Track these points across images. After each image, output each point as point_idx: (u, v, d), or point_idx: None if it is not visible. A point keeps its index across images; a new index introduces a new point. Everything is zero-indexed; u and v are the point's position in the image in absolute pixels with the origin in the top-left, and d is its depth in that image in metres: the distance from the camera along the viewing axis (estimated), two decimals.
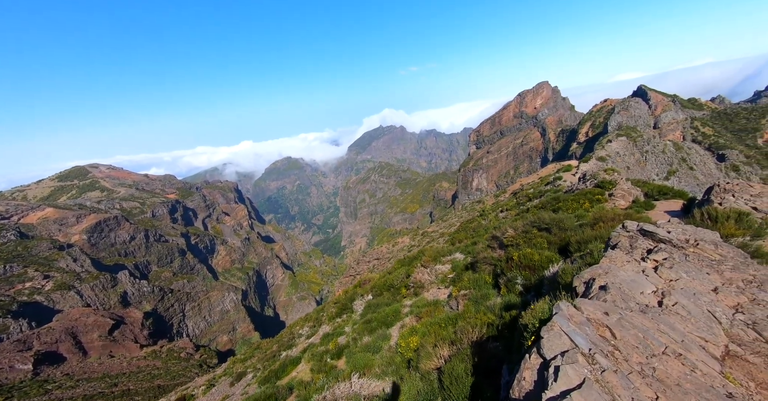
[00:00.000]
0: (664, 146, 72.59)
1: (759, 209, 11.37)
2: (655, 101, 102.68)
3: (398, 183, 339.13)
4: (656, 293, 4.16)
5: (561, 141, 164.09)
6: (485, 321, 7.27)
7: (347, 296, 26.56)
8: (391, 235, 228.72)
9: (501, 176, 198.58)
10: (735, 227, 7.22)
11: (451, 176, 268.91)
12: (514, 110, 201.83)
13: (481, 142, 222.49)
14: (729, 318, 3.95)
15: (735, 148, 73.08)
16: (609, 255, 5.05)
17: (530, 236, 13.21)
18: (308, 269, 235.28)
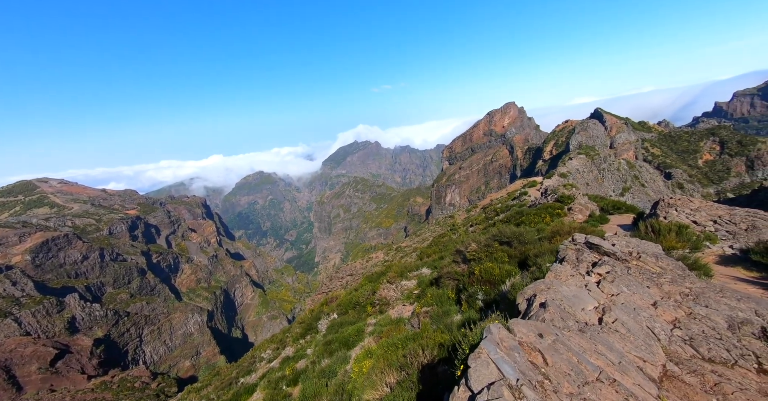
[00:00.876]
0: (619, 164, 77.82)
1: (698, 223, 12.00)
2: (610, 122, 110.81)
3: (373, 198, 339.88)
4: (597, 309, 4.00)
5: (528, 158, 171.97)
6: (438, 341, 6.89)
7: (313, 316, 25.41)
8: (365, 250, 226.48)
9: (473, 192, 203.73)
10: (676, 239, 7.42)
11: (425, 191, 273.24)
12: (484, 128, 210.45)
13: (454, 158, 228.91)
14: (667, 334, 3.83)
15: (679, 167, 79.70)
16: (554, 269, 4.91)
17: (492, 249, 13.20)
18: (280, 287, 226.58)
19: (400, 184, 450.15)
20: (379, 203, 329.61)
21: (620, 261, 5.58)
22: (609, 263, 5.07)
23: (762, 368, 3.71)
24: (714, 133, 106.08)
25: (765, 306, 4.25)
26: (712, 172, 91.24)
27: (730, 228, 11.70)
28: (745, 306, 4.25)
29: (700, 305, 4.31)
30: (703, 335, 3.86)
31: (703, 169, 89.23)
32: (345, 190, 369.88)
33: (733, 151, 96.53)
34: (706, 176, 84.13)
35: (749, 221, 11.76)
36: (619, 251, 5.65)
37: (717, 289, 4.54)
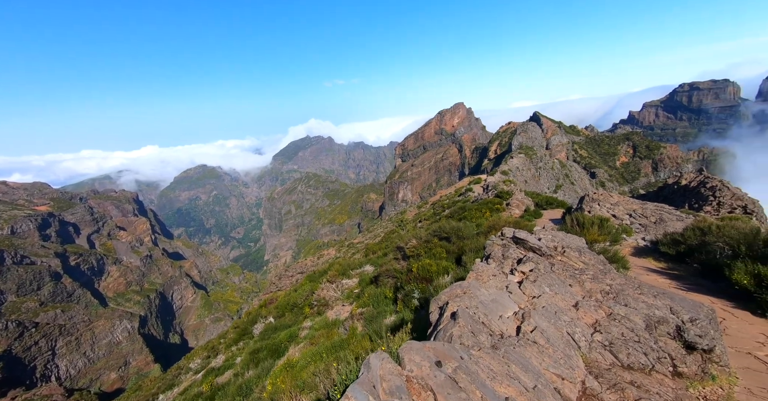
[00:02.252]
0: (553, 163, 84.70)
1: (617, 216, 12.72)
2: (546, 125, 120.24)
3: (326, 194, 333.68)
4: (517, 315, 3.48)
5: (475, 157, 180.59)
6: (360, 350, 6.11)
7: (249, 319, 23.51)
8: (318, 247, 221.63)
9: (424, 188, 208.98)
10: (598, 232, 7.44)
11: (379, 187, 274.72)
12: (435, 127, 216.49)
13: (406, 155, 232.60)
14: (588, 339, 3.43)
15: (602, 167, 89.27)
16: (476, 269, 4.37)
17: (431, 245, 12.87)
18: (225, 288, 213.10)
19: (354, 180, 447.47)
20: (333, 200, 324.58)
21: (545, 257, 5.26)
22: (533, 259, 4.68)
23: (677, 371, 3.46)
24: (628, 138, 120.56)
25: (679, 303, 4.10)
26: (627, 172, 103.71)
27: (642, 221, 12.58)
28: (661, 303, 4.06)
29: (619, 304, 4.03)
30: (623, 338, 3.53)
31: (620, 169, 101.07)
32: (297, 186, 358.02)
33: (642, 154, 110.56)
34: (622, 175, 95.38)
35: (657, 215, 12.75)
36: (544, 247, 5.33)
37: (635, 285, 4.33)
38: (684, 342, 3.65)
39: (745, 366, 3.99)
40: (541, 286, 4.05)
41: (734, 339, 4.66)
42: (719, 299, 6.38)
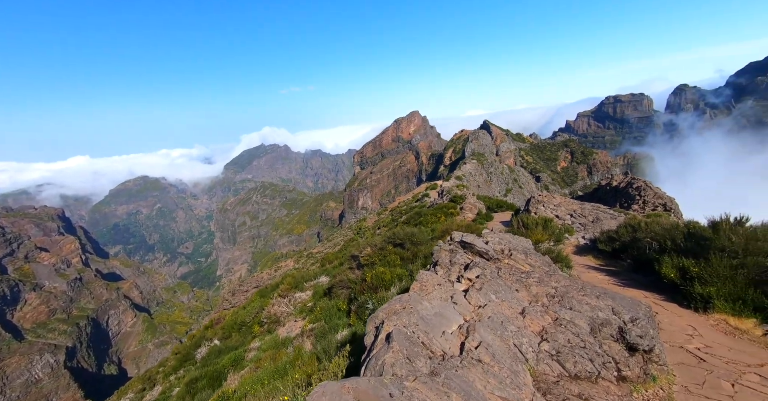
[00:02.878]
0: (503, 169, 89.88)
1: (559, 217, 13.35)
2: (495, 133, 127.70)
3: (284, 204, 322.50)
4: (461, 329, 3.17)
5: (432, 164, 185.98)
6: (304, 375, 5.47)
7: (192, 343, 21.32)
8: (276, 259, 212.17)
9: (384, 195, 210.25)
10: (542, 233, 7.55)
11: (338, 195, 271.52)
12: (392, 134, 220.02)
13: (365, 163, 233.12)
14: (535, 350, 3.21)
15: (545, 172, 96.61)
16: (421, 279, 4.03)
17: (385, 252, 12.53)
18: (172, 308, 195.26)
19: (312, 189, 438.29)
20: (290, 209, 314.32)
21: (493, 261, 5.10)
22: (480, 265, 4.47)
23: (621, 375, 3.36)
24: (567, 145, 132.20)
25: (620, 302, 4.10)
26: (567, 176, 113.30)
27: (582, 221, 13.34)
28: (603, 303, 4.02)
29: (565, 307, 3.92)
30: (569, 345, 3.36)
31: (561, 173, 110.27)
32: (252, 196, 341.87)
33: (579, 159, 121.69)
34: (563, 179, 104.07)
35: (594, 214, 13.61)
36: (491, 250, 5.18)
37: (579, 287, 4.29)
38: (626, 343, 3.60)
39: (679, 361, 4.06)
40: (487, 294, 3.81)
41: (667, 333, 4.80)
42: (651, 293, 6.71)
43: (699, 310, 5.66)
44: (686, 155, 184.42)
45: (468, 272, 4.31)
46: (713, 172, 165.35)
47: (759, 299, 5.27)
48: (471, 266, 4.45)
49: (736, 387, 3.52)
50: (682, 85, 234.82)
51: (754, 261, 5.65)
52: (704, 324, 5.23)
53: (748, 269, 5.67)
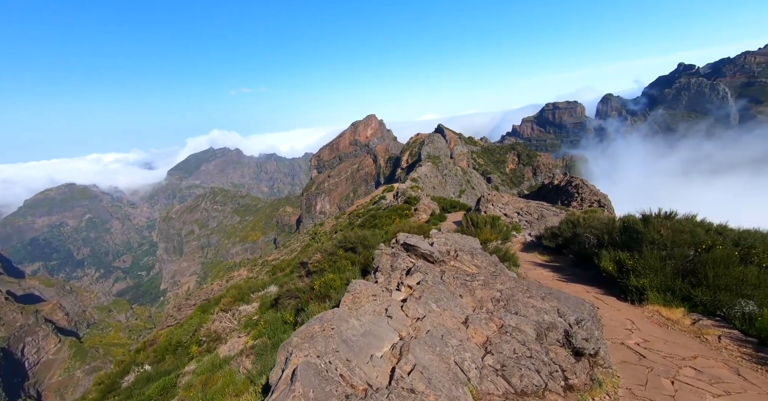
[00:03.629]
0: (456, 171, 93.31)
1: (507, 215, 13.64)
2: (449, 137, 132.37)
3: (236, 210, 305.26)
4: (395, 349, 2.68)
5: (389, 167, 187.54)
6: None
7: (120, 369, 18.75)
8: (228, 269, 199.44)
9: (342, 199, 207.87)
10: (491, 231, 7.42)
11: (295, 200, 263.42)
12: (350, 137, 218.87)
13: (322, 166, 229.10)
14: (479, 366, 2.82)
15: (495, 173, 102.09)
16: (353, 289, 3.50)
17: (336, 258, 11.86)
18: (106, 329, 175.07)
19: (268, 194, 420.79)
20: (244, 216, 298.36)
21: (438, 264, 4.74)
22: (422, 269, 4.06)
23: (568, 384, 3.11)
24: (514, 148, 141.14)
25: (565, 303, 3.91)
26: (515, 177, 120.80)
27: (528, 218, 13.77)
28: (549, 305, 3.81)
29: (510, 312, 3.62)
30: (515, 357, 3.03)
31: (509, 175, 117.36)
32: (200, 202, 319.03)
33: (525, 162, 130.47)
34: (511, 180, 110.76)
35: (539, 212, 14.13)
36: (436, 252, 4.82)
37: (524, 288, 4.05)
38: (573, 348, 3.39)
39: (621, 360, 3.98)
40: (427, 303, 3.39)
41: (609, 329, 4.77)
42: (592, 287, 6.84)
43: (635, 302, 5.80)
44: (613, 156, 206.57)
45: (408, 279, 3.88)
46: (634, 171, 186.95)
47: (685, 289, 5.48)
48: (412, 271, 4.03)
49: (676, 384, 3.46)
50: (608, 94, 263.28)
51: (680, 252, 5.92)
52: (640, 316, 5.33)
53: (675, 260, 5.93)
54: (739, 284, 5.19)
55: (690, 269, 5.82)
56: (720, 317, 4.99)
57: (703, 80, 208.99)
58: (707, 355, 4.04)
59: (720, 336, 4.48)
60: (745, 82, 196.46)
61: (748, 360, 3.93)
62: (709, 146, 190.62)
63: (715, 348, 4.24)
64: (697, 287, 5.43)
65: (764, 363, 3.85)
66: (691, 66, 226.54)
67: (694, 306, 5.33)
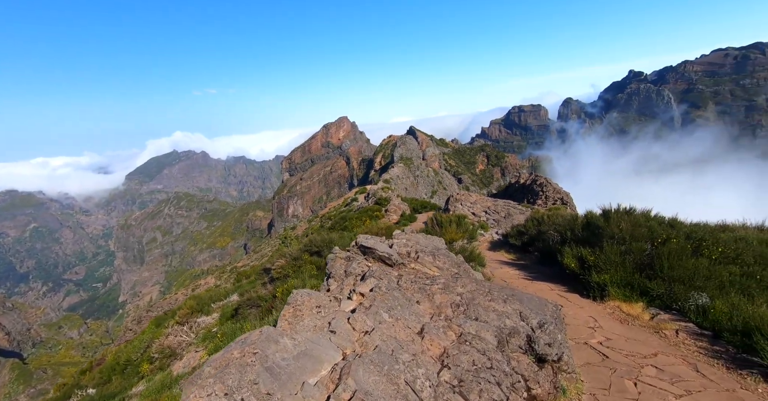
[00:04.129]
0: (428, 172, 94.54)
1: (475, 214, 13.66)
2: (421, 139, 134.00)
3: (203, 216, 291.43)
4: (334, 372, 2.28)
5: (363, 169, 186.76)
6: None
7: (62, 393, 16.95)
8: (194, 277, 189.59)
9: (315, 202, 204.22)
10: (456, 231, 7.22)
11: (266, 204, 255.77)
12: (321, 140, 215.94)
13: (294, 169, 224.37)
14: (434, 383, 2.50)
15: (466, 174, 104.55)
16: (294, 301, 3.08)
17: (300, 263, 11.28)
18: (56, 347, 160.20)
19: (237, 198, 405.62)
20: (212, 221, 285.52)
21: (397, 267, 4.41)
22: (376, 274, 3.71)
23: (531, 394, 2.86)
24: (483, 149, 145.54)
25: (527, 304, 3.70)
26: (484, 178, 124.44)
27: (495, 217, 13.86)
28: (511, 308, 3.58)
29: (470, 318, 3.35)
30: (474, 369, 2.74)
31: (480, 175, 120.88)
32: (163, 208, 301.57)
33: (493, 163, 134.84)
34: (481, 180, 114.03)
35: (506, 210, 14.28)
36: (395, 254, 4.49)
37: (486, 290, 3.81)
38: (535, 355, 3.16)
39: (585, 361, 3.84)
40: (378, 313, 3.03)
41: (572, 329, 4.66)
42: (556, 284, 6.82)
43: (597, 299, 5.79)
44: (574, 156, 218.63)
45: (361, 285, 3.50)
46: (594, 170, 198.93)
47: (643, 283, 5.52)
48: (367, 277, 3.66)
49: (639, 386, 3.34)
50: (568, 98, 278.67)
51: (638, 246, 5.98)
52: (602, 313, 5.29)
53: (634, 255, 5.99)
54: (692, 276, 5.28)
55: (647, 262, 5.89)
56: (676, 310, 5.04)
57: (651, 86, 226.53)
58: (667, 351, 3.99)
59: (677, 331, 4.49)
60: (686, 88, 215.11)
61: (705, 355, 3.92)
62: (657, 147, 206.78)
63: (674, 344, 4.23)
64: (654, 281, 5.48)
65: (719, 357, 3.86)
66: (640, 73, 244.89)
67: (652, 299, 5.37)
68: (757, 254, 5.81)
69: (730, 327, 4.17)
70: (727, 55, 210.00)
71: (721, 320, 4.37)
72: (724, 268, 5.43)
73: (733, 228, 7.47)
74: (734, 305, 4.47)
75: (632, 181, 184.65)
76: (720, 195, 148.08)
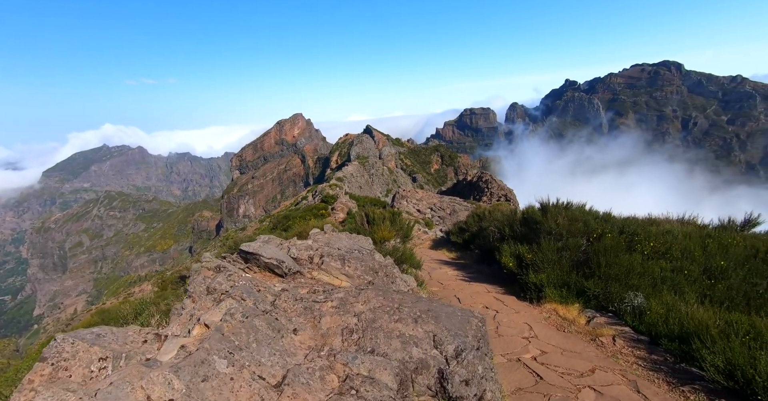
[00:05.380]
0: (384, 170, 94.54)
1: (421, 211, 13.05)
2: (378, 138, 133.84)
3: (140, 217, 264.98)
4: None
5: (319, 167, 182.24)
6: None
7: None
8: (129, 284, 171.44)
9: (268, 201, 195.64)
10: (390, 228, 6.36)
11: (214, 203, 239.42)
12: (275, 137, 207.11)
13: (245, 167, 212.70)
14: None
15: (421, 173, 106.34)
16: (54, 354, 1.90)
17: None
18: None
19: (181, 197, 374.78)
20: (151, 222, 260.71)
21: (290, 276, 3.40)
22: (240, 292, 2.65)
23: None
24: (437, 150, 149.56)
25: (446, 322, 2.90)
26: (439, 177, 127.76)
27: (441, 214, 13.39)
28: (423, 330, 2.75)
29: (364, 350, 2.46)
30: None
31: (434, 175, 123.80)
32: (91, 209, 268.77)
33: (447, 163, 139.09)
34: (435, 180, 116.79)
35: (451, 207, 13.89)
36: (289, 261, 3.48)
37: (394, 307, 2.94)
38: (448, 397, 2.36)
39: (516, 387, 3.16)
40: (207, 363, 1.97)
41: (504, 341, 4.02)
42: (494, 286, 6.27)
43: (534, 301, 5.29)
44: (520, 156, 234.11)
45: (210, 312, 2.43)
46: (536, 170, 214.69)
47: (580, 283, 5.11)
48: (225, 297, 2.60)
49: None
50: (514, 103, 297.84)
51: (574, 242, 5.59)
52: (539, 318, 4.76)
53: (570, 251, 5.58)
54: (627, 273, 4.96)
55: (583, 259, 5.52)
56: (612, 312, 4.66)
57: (583, 95, 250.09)
58: (605, 366, 3.47)
59: (614, 337, 4.04)
60: (611, 98, 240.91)
61: (644, 367, 3.46)
62: (589, 150, 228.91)
63: (611, 354, 3.75)
64: (590, 280, 5.09)
65: (659, 369, 3.41)
66: (575, 82, 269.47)
67: (589, 300, 4.97)
68: (683, 247, 5.72)
69: (667, 331, 3.78)
70: (643, 70, 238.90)
71: (656, 323, 3.99)
72: (655, 263, 5.19)
73: (659, 222, 7.54)
74: (669, 305, 4.13)
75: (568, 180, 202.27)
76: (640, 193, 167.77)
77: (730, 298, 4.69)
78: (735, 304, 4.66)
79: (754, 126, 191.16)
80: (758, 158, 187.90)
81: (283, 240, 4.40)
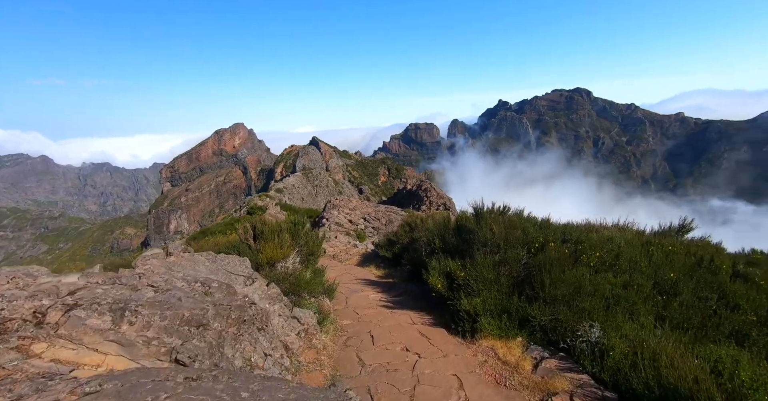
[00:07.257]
0: (329, 182, 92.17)
1: (353, 221, 11.53)
2: (324, 150, 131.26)
3: (41, 236, 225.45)
4: None
5: (262, 179, 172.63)
6: None
7: None
8: None
9: (205, 215, 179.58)
10: (288, 243, 4.71)
11: (140, 219, 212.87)
12: (213, 147, 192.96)
13: (177, 179, 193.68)
14: None
15: (368, 185, 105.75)
16: None
17: None
18: None
19: (97, 213, 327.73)
20: (55, 243, 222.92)
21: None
22: None
23: None
24: (384, 162, 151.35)
25: None
26: (386, 189, 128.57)
27: (375, 224, 12.02)
28: None
29: None
30: None
31: (381, 187, 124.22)
32: None
33: (394, 175, 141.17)
34: (383, 191, 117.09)
35: (387, 217, 12.61)
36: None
37: (212, 377, 1.35)
38: None
39: None
40: None
41: None
42: (420, 314, 4.93)
43: (467, 334, 4.03)
44: (461, 169, 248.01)
45: None
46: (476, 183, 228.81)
47: (522, 309, 3.96)
48: None
49: None
50: (455, 119, 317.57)
51: (513, 254, 4.49)
52: (472, 363, 3.48)
53: (510, 266, 4.47)
54: (576, 293, 3.94)
55: (525, 275, 4.44)
56: (564, 350, 3.55)
57: (514, 114, 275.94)
58: None
59: (572, 395, 2.89)
60: (537, 118, 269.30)
61: None
62: (520, 165, 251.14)
63: None
64: (534, 303, 3.98)
65: None
66: (506, 102, 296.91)
67: (533, 331, 3.83)
68: (628, 257, 4.97)
69: (640, 385, 2.71)
70: (561, 94, 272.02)
71: (623, 367, 2.93)
72: (604, 278, 4.30)
73: (597, 228, 6.99)
74: (633, 340, 3.12)
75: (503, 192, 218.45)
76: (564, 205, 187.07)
77: (687, 318, 3.89)
78: (692, 325, 3.87)
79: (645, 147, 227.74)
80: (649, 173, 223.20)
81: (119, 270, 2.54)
